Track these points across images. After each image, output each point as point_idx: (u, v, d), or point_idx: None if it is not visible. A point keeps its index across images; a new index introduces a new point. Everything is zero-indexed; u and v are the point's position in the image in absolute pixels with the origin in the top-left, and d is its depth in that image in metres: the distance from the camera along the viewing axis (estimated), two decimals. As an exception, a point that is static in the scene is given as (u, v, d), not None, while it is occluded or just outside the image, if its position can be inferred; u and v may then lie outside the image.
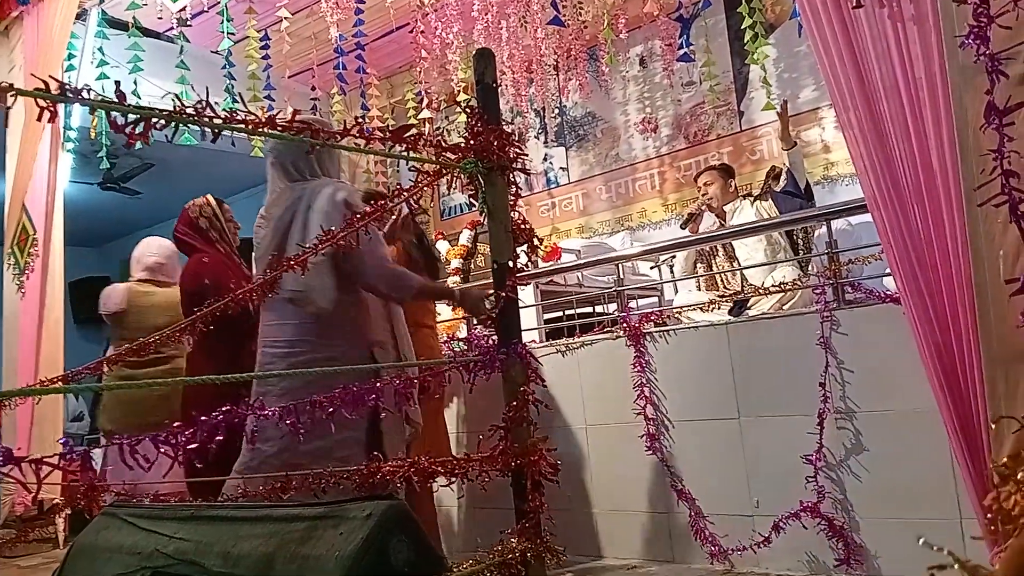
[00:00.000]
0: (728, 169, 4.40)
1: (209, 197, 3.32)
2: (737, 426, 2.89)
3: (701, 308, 3.57)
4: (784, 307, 3.59)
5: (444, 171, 2.05)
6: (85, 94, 1.33)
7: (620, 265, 3.52)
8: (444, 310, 3.99)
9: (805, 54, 5.00)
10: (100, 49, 4.81)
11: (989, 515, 1.33)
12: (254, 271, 2.82)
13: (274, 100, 5.02)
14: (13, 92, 1.28)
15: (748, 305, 3.72)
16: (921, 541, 0.98)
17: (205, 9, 4.83)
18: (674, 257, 4.31)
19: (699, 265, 4.13)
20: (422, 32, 4.75)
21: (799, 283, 3.37)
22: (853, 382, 2.65)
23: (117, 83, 1.37)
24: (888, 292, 2.65)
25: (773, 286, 3.47)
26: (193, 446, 1.49)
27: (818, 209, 3.63)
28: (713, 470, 2.94)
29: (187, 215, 3.24)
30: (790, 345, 2.80)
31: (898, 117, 2.13)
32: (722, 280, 4.06)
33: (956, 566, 0.88)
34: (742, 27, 4.56)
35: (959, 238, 2.00)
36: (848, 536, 2.60)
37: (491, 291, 2.26)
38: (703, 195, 4.24)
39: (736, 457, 2.89)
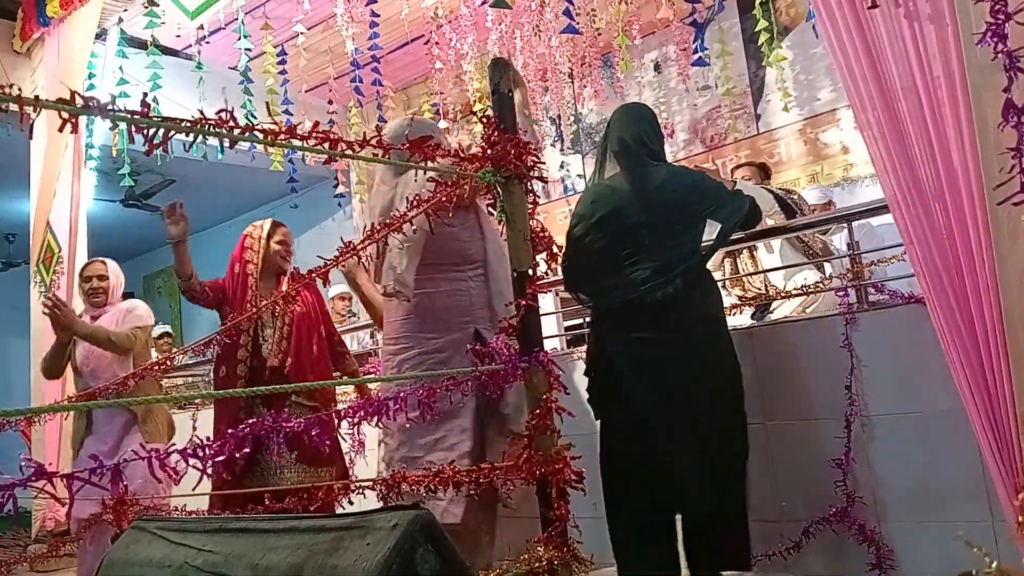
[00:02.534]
0: (765, 168, 4.38)
1: (263, 222, 3.49)
2: (763, 431, 2.87)
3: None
4: (807, 310, 3.57)
5: (462, 181, 2.06)
6: (109, 106, 1.35)
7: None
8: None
9: (821, 55, 4.98)
10: (120, 68, 4.88)
11: (1021, 516, 1.32)
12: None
13: (292, 115, 5.07)
14: (37, 105, 1.30)
15: (771, 309, 3.69)
16: (962, 536, 0.97)
17: (222, 26, 4.89)
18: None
19: (726, 260, 4.10)
20: (437, 43, 4.78)
21: (821, 286, 3.35)
22: (879, 384, 2.63)
23: (144, 95, 1.39)
24: (911, 293, 2.63)
25: (795, 289, 3.45)
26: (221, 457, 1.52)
27: (839, 210, 3.61)
28: (738, 475, 2.92)
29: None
30: (814, 348, 2.78)
31: (917, 116, 2.12)
32: (746, 281, 4.03)
33: (993, 565, 0.87)
34: (757, 30, 4.55)
35: (982, 237, 1.99)
36: (879, 540, 2.57)
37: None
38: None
39: (762, 463, 2.87)
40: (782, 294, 3.57)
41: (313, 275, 2.25)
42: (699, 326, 2.52)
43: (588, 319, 2.77)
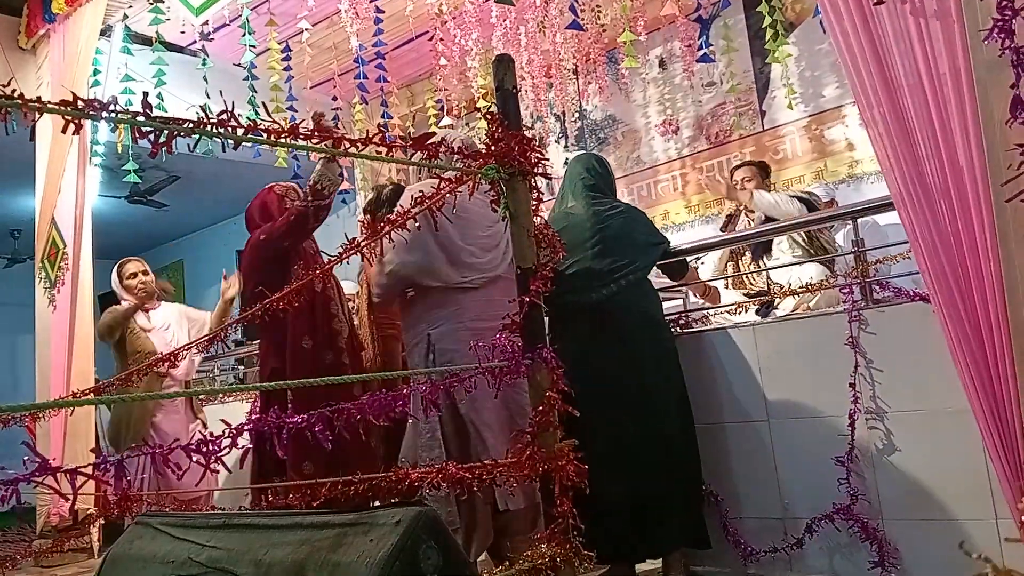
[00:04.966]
0: (765, 167, 4.36)
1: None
2: (766, 428, 2.87)
3: (728, 311, 3.55)
4: (809, 306, 3.56)
5: (465, 177, 2.06)
6: (112, 107, 1.35)
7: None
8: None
9: (827, 52, 4.96)
10: (125, 64, 4.88)
11: (1025, 515, 1.32)
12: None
13: (296, 111, 5.07)
14: (40, 107, 1.30)
15: (775, 306, 3.68)
16: (962, 546, 0.97)
17: (227, 23, 4.89)
18: (699, 259, 4.28)
19: (729, 264, 4.10)
20: (441, 40, 4.77)
21: (825, 283, 3.34)
22: (883, 382, 2.63)
23: (145, 94, 1.39)
24: (916, 290, 2.62)
25: (800, 287, 3.44)
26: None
27: (844, 207, 3.59)
28: (742, 472, 2.92)
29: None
30: (818, 345, 2.78)
31: (923, 113, 2.11)
32: (748, 280, 4.03)
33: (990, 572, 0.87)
34: (762, 26, 4.54)
35: (988, 234, 1.98)
36: (881, 538, 2.57)
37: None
38: (740, 189, 4.20)
39: (766, 459, 2.87)
40: (787, 291, 3.56)
41: (318, 271, 2.25)
42: (637, 326, 2.86)
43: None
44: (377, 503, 1.80)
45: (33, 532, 4.96)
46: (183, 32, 5.02)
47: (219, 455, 1.38)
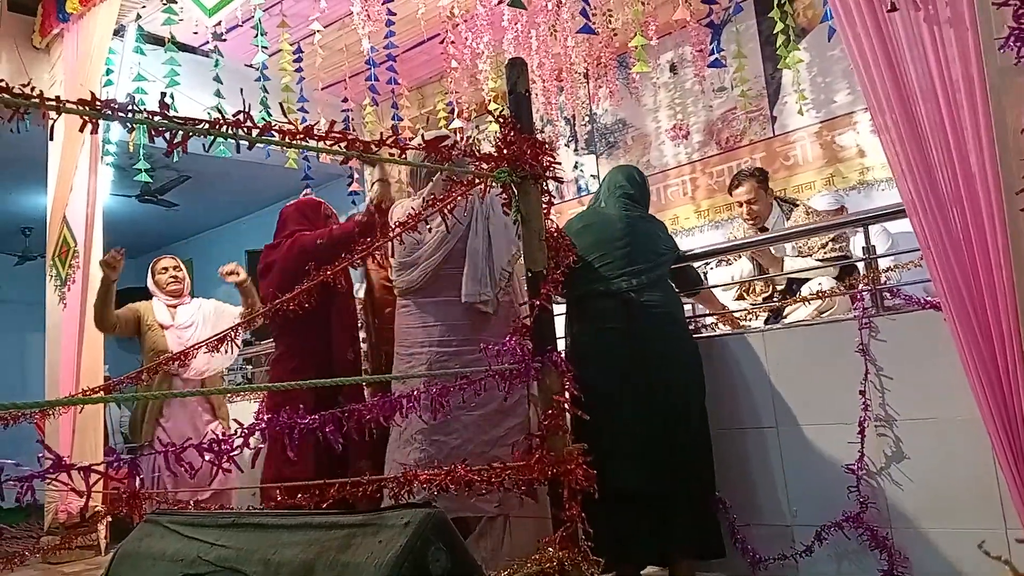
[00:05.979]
0: (764, 174, 4.10)
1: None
2: (775, 434, 2.86)
3: (739, 319, 3.54)
4: (822, 315, 3.55)
5: (477, 180, 2.07)
6: (129, 108, 1.36)
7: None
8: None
9: (838, 58, 4.95)
10: (138, 64, 4.91)
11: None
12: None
13: (308, 112, 5.09)
14: (59, 107, 1.31)
15: (784, 313, 3.67)
16: (981, 546, 0.97)
17: (239, 23, 4.91)
18: (707, 264, 4.26)
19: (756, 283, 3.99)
20: (452, 42, 4.78)
21: (836, 290, 3.33)
22: (893, 390, 2.62)
23: (162, 94, 1.40)
24: (927, 298, 2.61)
25: (811, 294, 3.43)
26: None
27: (855, 214, 3.58)
28: (750, 479, 2.91)
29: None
30: (828, 352, 2.77)
31: (935, 120, 2.10)
32: (749, 288, 3.98)
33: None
34: (774, 32, 4.53)
35: (1000, 242, 1.97)
36: (891, 546, 2.56)
37: None
38: (746, 214, 4.03)
39: (774, 466, 2.86)
40: (799, 299, 3.54)
41: (330, 273, 2.26)
42: (651, 325, 2.86)
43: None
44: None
45: (41, 529, 4.98)
46: (196, 33, 5.05)
47: (232, 454, 1.39)
